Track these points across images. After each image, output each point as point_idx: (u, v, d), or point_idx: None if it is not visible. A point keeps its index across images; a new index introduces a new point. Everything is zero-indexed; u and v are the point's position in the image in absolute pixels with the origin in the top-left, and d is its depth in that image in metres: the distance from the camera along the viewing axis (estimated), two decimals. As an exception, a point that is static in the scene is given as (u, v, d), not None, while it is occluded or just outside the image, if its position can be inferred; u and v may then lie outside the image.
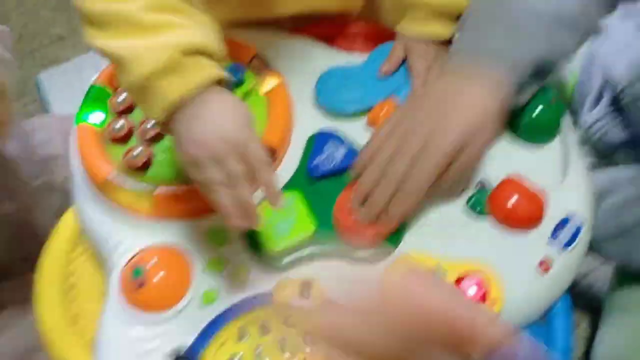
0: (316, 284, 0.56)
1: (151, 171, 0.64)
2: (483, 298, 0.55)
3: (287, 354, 0.51)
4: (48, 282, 0.68)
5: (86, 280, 0.68)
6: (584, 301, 0.94)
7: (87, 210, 0.65)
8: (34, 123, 0.93)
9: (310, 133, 0.67)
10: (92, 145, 0.65)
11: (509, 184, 0.61)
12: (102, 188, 0.63)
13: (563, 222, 0.60)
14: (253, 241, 0.59)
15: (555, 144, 0.66)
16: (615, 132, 0.83)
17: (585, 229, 0.60)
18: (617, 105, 0.82)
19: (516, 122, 0.65)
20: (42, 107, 1.42)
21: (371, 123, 0.67)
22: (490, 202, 0.61)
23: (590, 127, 0.83)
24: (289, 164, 0.65)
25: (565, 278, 0.59)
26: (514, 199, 0.59)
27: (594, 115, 0.83)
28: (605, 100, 0.83)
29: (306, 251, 0.59)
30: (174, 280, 0.58)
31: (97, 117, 0.67)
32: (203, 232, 0.61)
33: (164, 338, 0.55)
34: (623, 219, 0.77)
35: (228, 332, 0.54)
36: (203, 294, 0.58)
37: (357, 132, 0.66)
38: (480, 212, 0.61)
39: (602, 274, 0.94)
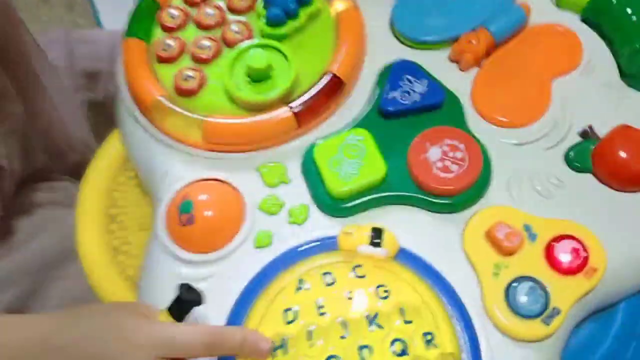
0: (387, 232, 0.48)
1: (203, 97, 0.57)
2: (582, 265, 0.47)
3: (355, 309, 0.44)
4: (89, 210, 0.63)
5: (130, 210, 0.63)
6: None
7: (132, 135, 0.59)
8: (80, 34, 0.86)
9: (384, 64, 0.58)
10: (140, 63, 0.58)
11: (622, 134, 0.51)
12: (149, 111, 0.56)
13: (681, 184, 0.51)
14: (314, 180, 0.52)
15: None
16: None
17: None
18: None
19: (630, 65, 0.56)
20: (93, 21, 1.35)
21: (456, 56, 0.58)
22: (596, 155, 0.52)
23: None
24: (359, 99, 0.57)
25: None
26: (627, 150, 0.50)
27: None
28: None
29: (375, 196, 0.51)
30: (225, 219, 0.52)
31: (147, 32, 0.60)
32: (258, 168, 0.54)
33: (211, 282, 0.49)
34: None
35: (284, 280, 0.47)
36: (256, 235, 0.52)
37: (439, 65, 0.58)
38: (582, 168, 0.52)
39: None
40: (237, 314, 0.47)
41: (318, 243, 0.50)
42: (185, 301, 0.46)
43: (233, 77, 0.56)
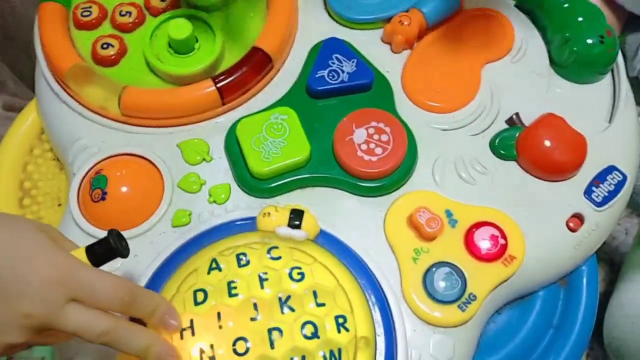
0: (308, 214, 0.47)
1: (122, 67, 0.54)
2: (500, 253, 0.47)
3: (267, 291, 0.43)
4: (2, 183, 0.60)
5: (45, 184, 0.60)
6: (603, 253, 0.85)
7: (47, 104, 0.55)
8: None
9: (315, 42, 0.56)
10: (56, 28, 0.54)
11: (547, 122, 0.51)
12: (65, 80, 0.53)
13: (602, 175, 0.51)
14: (236, 159, 0.51)
15: (603, 85, 0.56)
16: None
17: (627, 185, 0.51)
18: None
19: (560, 54, 0.55)
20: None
21: (387, 37, 0.57)
22: (520, 142, 0.51)
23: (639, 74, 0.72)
24: (286, 76, 0.56)
25: (596, 239, 0.50)
26: (552, 139, 0.50)
27: None
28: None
29: (298, 177, 0.50)
30: (141, 196, 0.50)
31: (66, -4, 0.57)
32: (179, 145, 0.52)
33: (123, 261, 0.47)
34: None
35: (199, 261, 0.45)
36: (174, 214, 0.49)
37: (370, 46, 0.57)
38: (506, 155, 0.52)
39: (629, 227, 0.85)
40: (146, 295, 0.45)
41: (237, 223, 0.48)
42: (111, 248, 0.39)
43: (154, 48, 0.54)
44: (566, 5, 0.56)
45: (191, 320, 0.42)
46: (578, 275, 0.51)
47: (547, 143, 0.51)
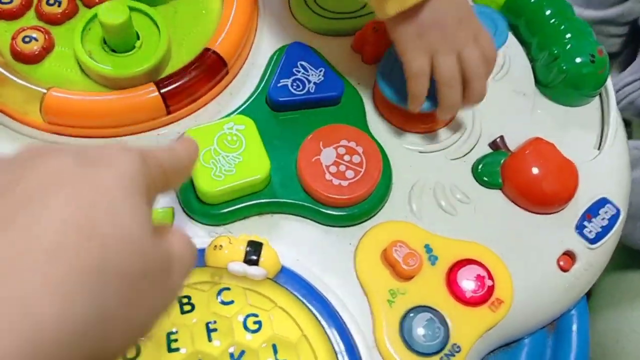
0: (268, 247, 0.40)
1: (47, 65, 0.45)
2: (486, 296, 0.41)
3: (216, 344, 0.35)
4: None
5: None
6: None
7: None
8: None
9: (277, 46, 0.50)
10: (-34, 15, 0.45)
11: (536, 148, 0.46)
12: (-26, 78, 0.44)
13: (594, 208, 0.46)
14: (182, 180, 0.43)
15: (590, 109, 0.51)
16: None
17: (621, 219, 0.46)
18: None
19: (546, 73, 0.51)
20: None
21: (357, 46, 0.51)
22: (506, 168, 0.46)
23: (619, 90, 0.69)
24: (243, 84, 0.48)
25: (588, 279, 0.45)
26: (541, 167, 0.45)
27: (624, 77, 0.70)
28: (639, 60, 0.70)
29: (255, 202, 0.42)
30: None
31: (-19, -22, 0.47)
32: (114, 159, 0.44)
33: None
34: None
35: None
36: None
37: (339, 55, 0.50)
38: (491, 183, 0.46)
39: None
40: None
41: (179, 257, 0.40)
42: None
43: (87, 44, 0.45)
44: (553, 20, 0.51)
45: (120, 381, 0.33)
46: (567, 319, 0.46)
47: (536, 171, 0.45)
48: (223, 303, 0.37)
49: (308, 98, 0.46)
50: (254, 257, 0.39)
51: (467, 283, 0.41)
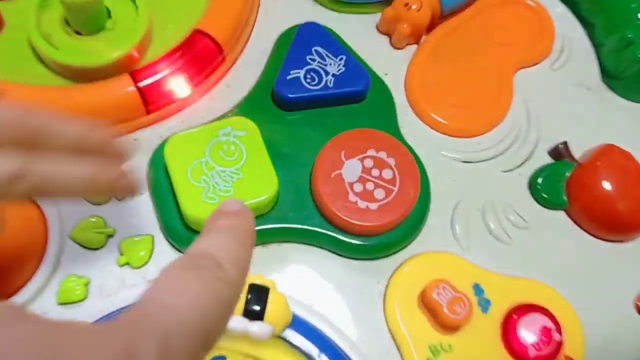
0: (275, 292, 0.31)
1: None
2: (553, 353, 0.32)
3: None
4: None
5: None
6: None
7: None
8: None
9: (287, 26, 0.40)
10: None
11: (609, 157, 0.37)
12: None
13: (682, 234, 0.37)
14: (163, 198, 0.34)
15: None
16: None
17: None
18: None
19: (616, 62, 0.41)
20: None
21: (386, 26, 0.41)
22: (573, 183, 0.37)
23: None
24: (242, 76, 0.39)
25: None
26: (617, 182, 0.36)
27: None
28: None
29: (259, 227, 0.33)
30: (10, 251, 0.32)
31: None
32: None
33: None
34: None
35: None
36: (61, 284, 0.32)
37: (365, 37, 0.40)
38: (553, 202, 0.37)
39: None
40: None
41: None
42: None
43: (44, 25, 0.36)
44: (626, -4, 0.41)
45: None
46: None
47: (609, 187, 0.36)
48: (216, 376, 0.28)
49: (325, 94, 0.37)
50: (257, 308, 0.30)
51: (529, 336, 0.32)
